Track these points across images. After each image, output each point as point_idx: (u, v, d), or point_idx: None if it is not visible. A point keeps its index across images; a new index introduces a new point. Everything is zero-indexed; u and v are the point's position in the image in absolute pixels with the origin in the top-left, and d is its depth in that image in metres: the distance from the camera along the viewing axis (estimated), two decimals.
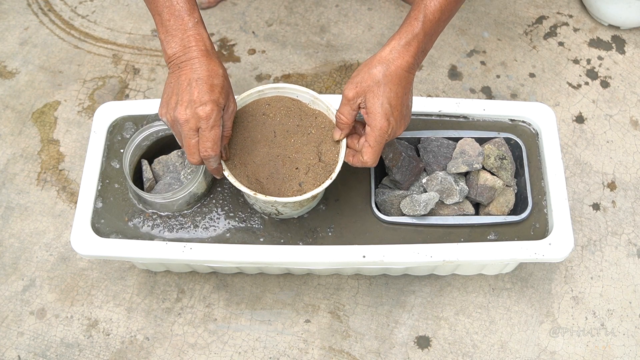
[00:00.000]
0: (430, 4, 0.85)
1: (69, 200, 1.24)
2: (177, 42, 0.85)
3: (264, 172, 0.91)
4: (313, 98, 0.94)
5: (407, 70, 0.85)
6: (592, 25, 1.44)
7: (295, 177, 0.91)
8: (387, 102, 0.84)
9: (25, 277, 1.17)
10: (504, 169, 1.01)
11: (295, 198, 0.88)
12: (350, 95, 0.86)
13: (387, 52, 0.85)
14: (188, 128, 0.83)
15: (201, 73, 0.83)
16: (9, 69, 1.39)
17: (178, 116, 0.82)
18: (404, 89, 0.86)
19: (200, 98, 0.82)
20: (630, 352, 1.11)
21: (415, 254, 0.96)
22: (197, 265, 1.12)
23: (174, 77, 0.85)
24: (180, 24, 0.84)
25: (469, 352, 1.11)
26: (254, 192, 0.88)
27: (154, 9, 0.86)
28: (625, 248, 1.20)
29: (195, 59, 0.84)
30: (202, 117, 0.82)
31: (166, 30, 0.85)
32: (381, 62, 0.85)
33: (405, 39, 0.85)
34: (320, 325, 1.13)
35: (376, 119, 0.84)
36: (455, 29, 1.44)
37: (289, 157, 0.92)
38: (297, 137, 0.93)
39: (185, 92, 0.83)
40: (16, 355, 1.11)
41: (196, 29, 0.85)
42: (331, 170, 0.91)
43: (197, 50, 0.84)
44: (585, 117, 1.33)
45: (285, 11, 1.46)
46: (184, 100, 0.83)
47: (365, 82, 0.85)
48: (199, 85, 0.82)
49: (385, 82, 0.84)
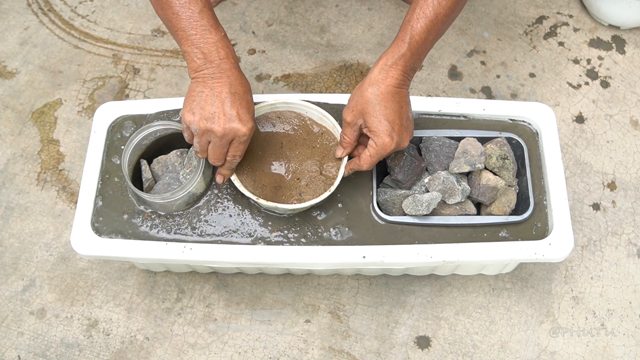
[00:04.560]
0: (417, 25, 0.88)
1: (69, 200, 1.24)
2: (206, 53, 0.87)
3: (269, 179, 0.98)
4: (321, 115, 1.01)
5: (398, 87, 0.89)
6: (592, 25, 1.45)
7: (297, 187, 0.98)
8: (385, 120, 0.88)
9: (25, 277, 1.17)
10: (505, 169, 1.01)
11: (294, 206, 0.94)
12: (349, 119, 0.92)
13: (376, 73, 0.89)
14: (224, 140, 0.88)
15: (237, 88, 0.88)
16: (9, 69, 1.39)
17: (215, 128, 0.86)
18: (398, 103, 0.89)
19: (240, 115, 0.87)
20: (630, 352, 1.11)
21: (415, 255, 0.96)
22: (197, 265, 1.12)
23: (207, 87, 0.87)
24: (208, 36, 0.87)
25: (469, 352, 1.11)
26: (256, 197, 0.94)
27: (177, 25, 0.88)
28: (625, 248, 1.20)
29: (228, 71, 0.87)
30: (240, 134, 0.88)
31: (192, 42, 0.87)
32: (371, 84, 0.89)
33: (392, 60, 0.89)
34: (320, 325, 1.13)
35: (380, 136, 0.89)
36: (455, 29, 1.44)
37: (293, 167, 1.00)
38: (302, 149, 1.01)
39: (225, 105, 0.87)
40: (16, 355, 1.11)
41: (224, 42, 0.88)
42: (330, 184, 0.97)
43: (229, 62, 0.88)
44: (585, 117, 1.33)
45: (285, 11, 1.46)
46: (223, 113, 0.86)
47: (359, 105, 0.90)
48: (237, 100, 0.87)
49: (378, 102, 0.88)
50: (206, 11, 0.88)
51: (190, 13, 0.86)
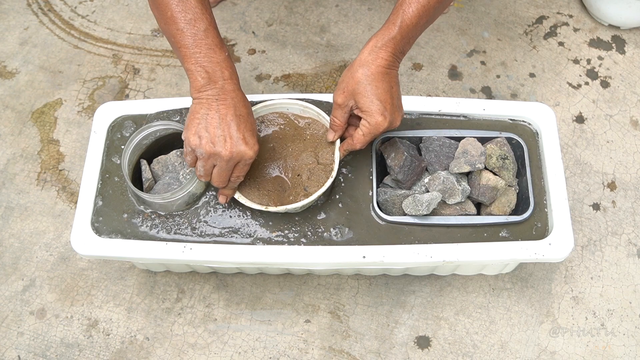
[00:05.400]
0: (409, 9, 0.89)
1: (69, 200, 1.24)
2: (210, 72, 0.86)
3: (272, 184, 0.99)
4: (303, 107, 1.02)
5: (388, 68, 0.90)
6: (592, 25, 1.45)
7: (300, 184, 0.99)
8: (376, 99, 0.89)
9: (25, 277, 1.17)
10: (505, 169, 1.01)
11: (304, 202, 0.94)
12: (340, 101, 0.92)
13: (366, 54, 0.89)
14: (230, 164, 0.88)
15: (242, 110, 0.88)
16: (9, 69, 1.39)
17: (222, 152, 0.86)
18: (388, 83, 0.90)
19: (246, 139, 0.87)
20: (630, 352, 1.11)
21: (415, 255, 0.96)
22: (197, 265, 1.12)
23: (212, 109, 0.86)
24: (212, 56, 0.86)
25: (469, 352, 1.11)
26: (265, 207, 0.94)
27: (180, 42, 0.87)
28: (625, 248, 1.20)
29: (232, 92, 0.87)
30: (246, 157, 0.88)
31: (196, 61, 0.86)
32: (362, 65, 0.89)
33: (382, 42, 0.89)
34: (320, 325, 1.13)
35: (372, 115, 0.89)
36: (455, 29, 1.44)
37: (291, 165, 1.00)
38: (293, 145, 1.01)
39: (231, 128, 0.86)
40: (16, 355, 1.11)
41: (228, 62, 0.88)
42: (330, 170, 0.98)
43: (232, 83, 0.87)
44: (585, 117, 1.33)
45: (285, 11, 1.46)
46: (230, 136, 0.86)
47: (350, 85, 0.90)
48: (242, 122, 0.87)
49: (368, 82, 0.89)
50: (211, 30, 0.87)
51: (195, 31, 0.85)
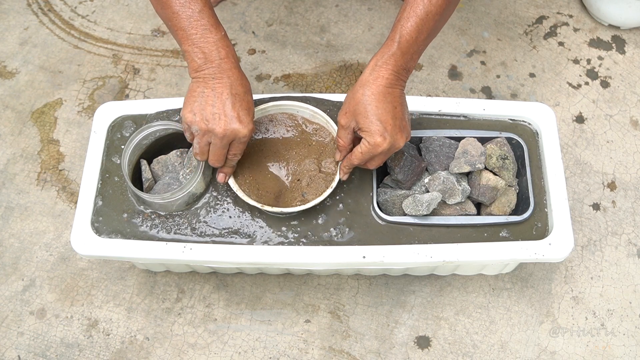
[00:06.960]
0: (407, 24, 0.87)
1: (69, 200, 1.24)
2: (207, 52, 0.87)
3: (271, 184, 0.99)
4: (312, 112, 1.01)
5: (389, 87, 0.88)
6: (592, 25, 1.45)
7: (298, 189, 0.99)
8: (376, 119, 0.87)
9: (25, 277, 1.17)
10: (506, 169, 1.01)
11: (299, 208, 0.95)
12: (343, 122, 0.91)
13: (367, 74, 0.89)
14: (225, 141, 0.89)
15: (238, 88, 0.88)
16: (9, 69, 1.39)
17: (216, 129, 0.87)
18: (391, 104, 0.88)
19: (241, 117, 0.87)
20: (630, 352, 1.11)
21: (415, 255, 0.96)
22: (197, 265, 1.12)
23: (208, 87, 0.87)
24: (208, 36, 0.87)
25: (469, 352, 1.11)
26: (261, 205, 0.94)
27: (176, 25, 0.87)
28: (625, 248, 1.20)
29: (229, 71, 0.87)
30: (240, 135, 0.88)
31: (192, 42, 0.87)
32: (363, 85, 0.88)
33: (382, 60, 0.88)
34: (320, 325, 1.13)
35: (372, 136, 0.88)
36: (455, 29, 1.44)
37: (292, 169, 1.00)
38: (298, 149, 1.01)
39: (226, 106, 0.87)
40: (16, 355, 1.11)
41: (225, 41, 0.88)
42: (331, 180, 0.98)
43: (229, 62, 0.88)
44: (585, 117, 1.33)
45: (285, 11, 1.46)
46: (224, 114, 0.87)
47: (352, 106, 0.89)
48: (237, 101, 0.87)
49: (369, 102, 0.87)
50: (206, 10, 0.87)
51: (190, 12, 0.86)
